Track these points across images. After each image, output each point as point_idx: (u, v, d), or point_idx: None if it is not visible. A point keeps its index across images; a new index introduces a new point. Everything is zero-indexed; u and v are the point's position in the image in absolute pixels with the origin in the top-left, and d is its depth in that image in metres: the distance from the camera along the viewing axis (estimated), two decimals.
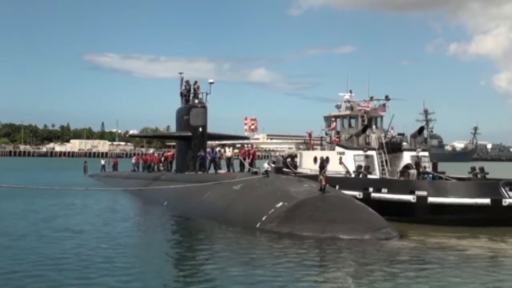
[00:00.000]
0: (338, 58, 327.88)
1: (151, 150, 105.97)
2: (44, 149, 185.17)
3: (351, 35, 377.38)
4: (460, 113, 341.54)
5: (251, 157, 30.41)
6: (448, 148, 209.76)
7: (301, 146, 36.56)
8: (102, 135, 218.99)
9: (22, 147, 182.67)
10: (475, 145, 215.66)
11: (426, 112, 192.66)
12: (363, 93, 33.84)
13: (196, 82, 34.96)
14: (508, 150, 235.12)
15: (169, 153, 42.19)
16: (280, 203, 21.67)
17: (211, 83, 34.53)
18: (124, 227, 22.95)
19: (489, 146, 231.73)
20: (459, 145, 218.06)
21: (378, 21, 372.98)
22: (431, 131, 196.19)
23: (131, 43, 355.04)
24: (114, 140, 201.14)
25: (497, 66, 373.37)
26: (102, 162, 64.25)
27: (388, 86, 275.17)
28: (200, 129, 33.66)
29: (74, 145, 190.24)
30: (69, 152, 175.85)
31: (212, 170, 33.20)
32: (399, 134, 33.25)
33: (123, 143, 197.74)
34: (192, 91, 34.39)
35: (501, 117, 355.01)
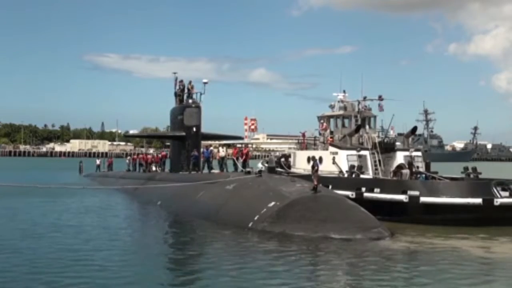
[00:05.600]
0: (338, 58, 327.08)
1: (151, 150, 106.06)
2: (44, 149, 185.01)
3: (351, 35, 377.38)
4: (460, 113, 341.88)
5: (244, 157, 30.47)
6: (448, 148, 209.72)
7: (295, 146, 36.59)
8: (102, 135, 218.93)
9: (22, 147, 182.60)
10: (475, 145, 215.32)
11: (426, 112, 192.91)
12: (360, 93, 33.91)
13: (190, 82, 35.18)
14: (508, 150, 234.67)
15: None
16: (272, 203, 21.74)
17: (205, 83, 34.69)
18: (117, 227, 22.97)
19: (489, 146, 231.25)
20: (459, 145, 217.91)
21: (378, 21, 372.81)
22: (431, 131, 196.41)
23: (131, 43, 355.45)
24: (114, 140, 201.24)
25: (496, 66, 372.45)
26: (97, 162, 64.15)
27: (388, 86, 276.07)
28: (194, 129, 33.79)
29: (74, 145, 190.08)
30: (69, 152, 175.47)
31: (206, 170, 33.24)
32: (399, 134, 33.32)
33: (123, 143, 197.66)
34: (186, 91, 34.50)
35: (501, 117, 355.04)
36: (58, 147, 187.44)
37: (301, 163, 32.19)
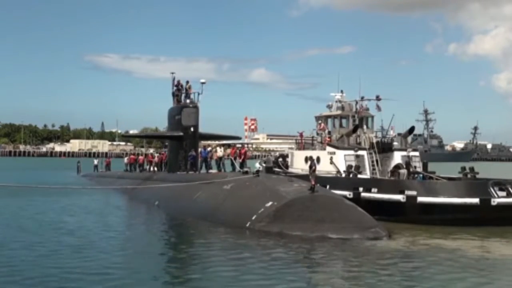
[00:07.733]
0: (338, 58, 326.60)
1: (151, 150, 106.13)
2: (44, 149, 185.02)
3: (351, 35, 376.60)
4: (460, 113, 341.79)
5: (242, 157, 30.49)
6: (448, 148, 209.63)
7: (292, 146, 36.59)
8: (102, 135, 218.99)
9: (22, 147, 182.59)
10: (475, 145, 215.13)
11: (426, 112, 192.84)
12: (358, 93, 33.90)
13: (187, 82, 35.23)
14: (508, 150, 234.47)
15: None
16: (270, 203, 21.75)
17: (202, 83, 34.68)
18: (114, 227, 22.99)
19: (489, 146, 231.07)
20: (459, 145, 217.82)
21: (378, 21, 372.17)
22: (431, 131, 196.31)
23: (131, 43, 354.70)
24: (114, 140, 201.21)
25: (496, 66, 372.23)
26: (95, 162, 64.01)
27: (388, 86, 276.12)
28: (192, 129, 33.79)
29: (74, 145, 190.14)
30: (69, 152, 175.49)
31: (203, 170, 33.25)
32: (398, 134, 33.26)
33: (123, 143, 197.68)
34: (183, 91, 34.55)
35: (501, 117, 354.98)
36: (58, 147, 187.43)
37: (298, 163, 32.17)
